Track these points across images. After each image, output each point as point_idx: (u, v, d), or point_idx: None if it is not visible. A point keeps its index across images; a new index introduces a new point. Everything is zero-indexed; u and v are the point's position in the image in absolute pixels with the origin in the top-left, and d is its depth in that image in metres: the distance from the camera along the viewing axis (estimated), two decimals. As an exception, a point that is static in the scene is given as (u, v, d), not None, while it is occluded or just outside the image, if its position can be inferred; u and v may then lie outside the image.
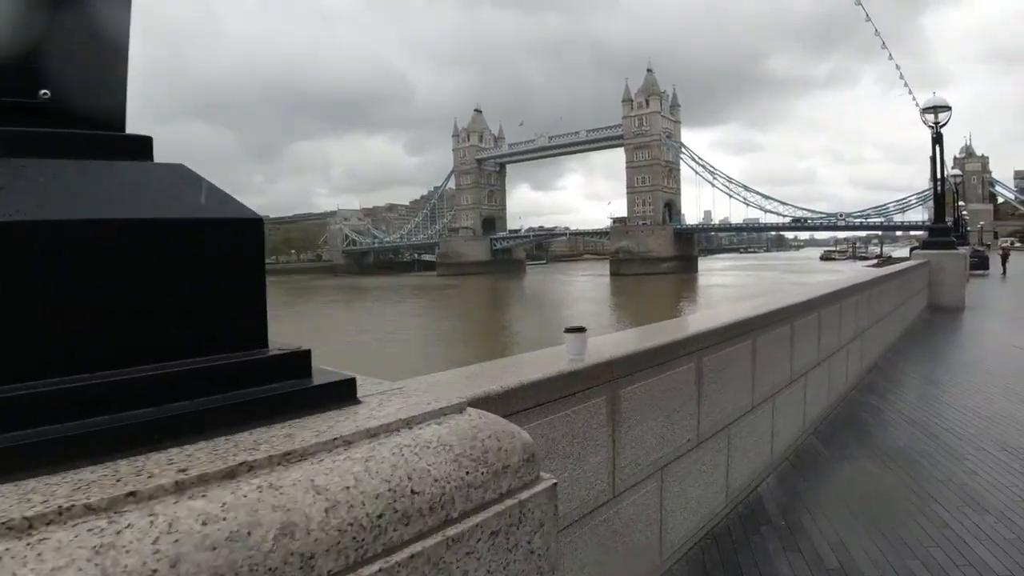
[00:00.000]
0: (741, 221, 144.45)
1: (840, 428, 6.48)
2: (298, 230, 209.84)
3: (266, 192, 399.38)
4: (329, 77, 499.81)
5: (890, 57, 18.64)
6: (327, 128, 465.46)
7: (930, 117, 17.61)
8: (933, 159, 18.24)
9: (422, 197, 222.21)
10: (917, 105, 17.32)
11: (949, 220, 25.35)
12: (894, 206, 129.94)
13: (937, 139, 17.92)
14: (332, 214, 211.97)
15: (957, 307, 16.83)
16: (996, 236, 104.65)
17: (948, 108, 17.61)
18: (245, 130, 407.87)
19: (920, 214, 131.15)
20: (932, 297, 16.90)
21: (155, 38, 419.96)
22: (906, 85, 16.64)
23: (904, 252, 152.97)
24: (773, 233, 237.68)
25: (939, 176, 18.84)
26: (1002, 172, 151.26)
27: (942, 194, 19.53)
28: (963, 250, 21.28)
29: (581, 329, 3.38)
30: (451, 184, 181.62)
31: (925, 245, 19.37)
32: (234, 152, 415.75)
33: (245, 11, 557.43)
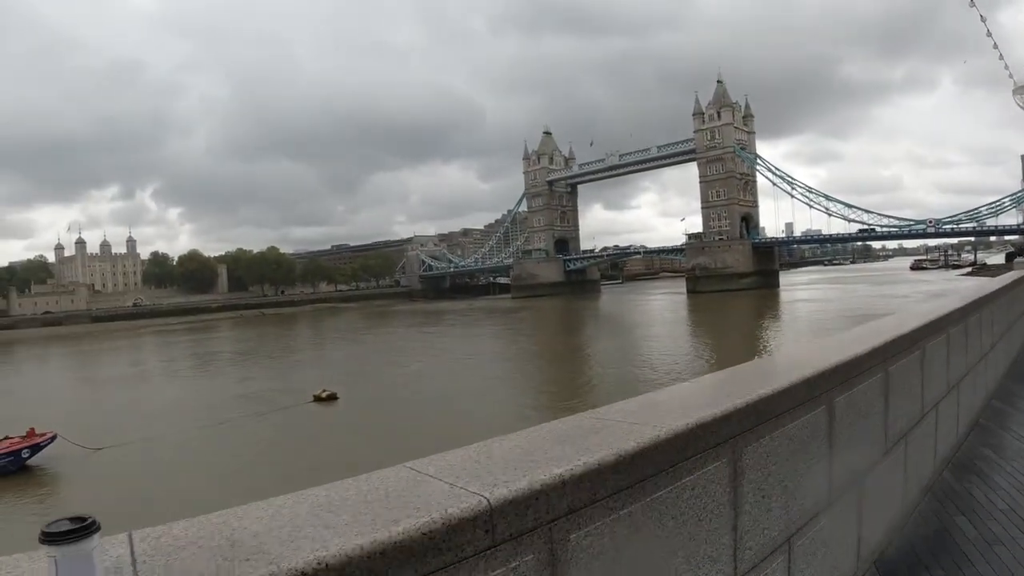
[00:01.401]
0: (824, 232, 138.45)
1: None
2: (376, 257, 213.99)
3: (348, 222, 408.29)
4: (403, 109, 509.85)
5: (995, 46, 13.66)
6: (404, 159, 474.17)
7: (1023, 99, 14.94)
8: None
9: (496, 221, 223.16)
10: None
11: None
12: (986, 210, 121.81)
13: None
14: (409, 241, 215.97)
15: None
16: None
17: None
18: (326, 164, 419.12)
19: (1015, 217, 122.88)
20: None
21: (239, 82, 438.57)
22: (1011, 76, 12.34)
23: (999, 258, 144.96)
24: (859, 243, 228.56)
25: None
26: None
27: None
28: None
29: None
30: (523, 207, 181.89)
31: None
32: (317, 186, 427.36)
33: (321, 51, 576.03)
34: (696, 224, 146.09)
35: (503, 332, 71.56)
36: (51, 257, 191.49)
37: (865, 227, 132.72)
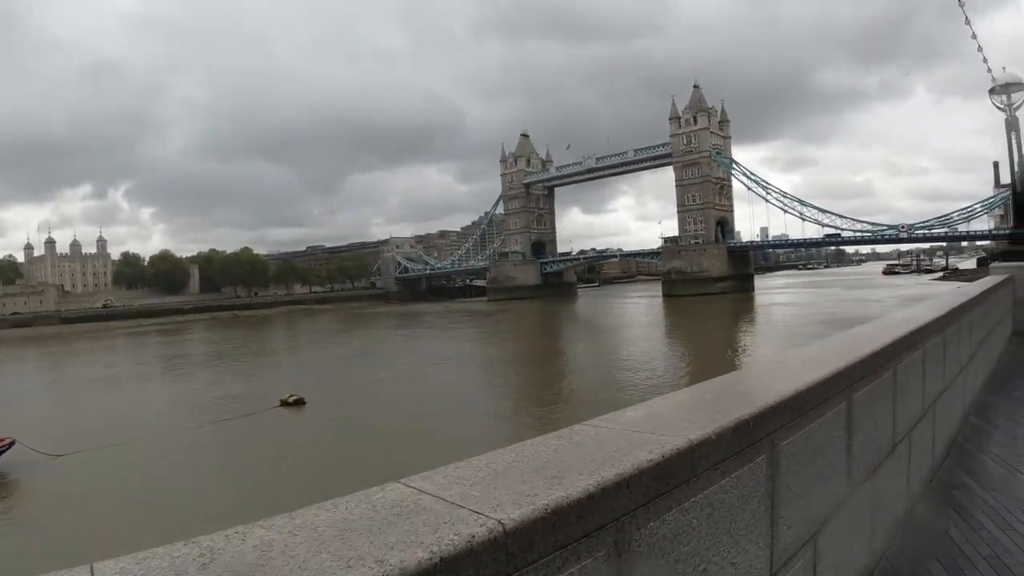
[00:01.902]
0: (798, 237, 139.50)
1: None
2: (352, 259, 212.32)
3: (325, 224, 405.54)
4: (382, 112, 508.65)
5: (979, 49, 13.38)
6: (382, 161, 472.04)
7: (1001, 98, 14.04)
8: (1010, 148, 14.25)
9: (473, 223, 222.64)
10: (1003, 103, 13.32)
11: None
12: (958, 215, 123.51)
13: (1012, 125, 14.21)
14: (385, 242, 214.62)
15: None
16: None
17: (1023, 85, 14.02)
18: (305, 165, 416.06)
19: (986, 223, 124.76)
20: (1018, 320, 13.72)
21: (218, 83, 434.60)
22: (992, 77, 12.03)
23: (971, 263, 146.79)
24: (833, 248, 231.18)
25: (1018, 169, 14.67)
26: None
27: (1023, 194, 15.46)
28: None
29: None
30: (500, 209, 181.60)
31: (1005, 256, 15.85)
32: (295, 187, 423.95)
33: (303, 53, 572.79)
34: (672, 228, 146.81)
35: (479, 335, 70.97)
36: (20, 257, 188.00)
37: (832, 232, 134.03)
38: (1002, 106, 13.44)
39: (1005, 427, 7.04)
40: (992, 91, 13.40)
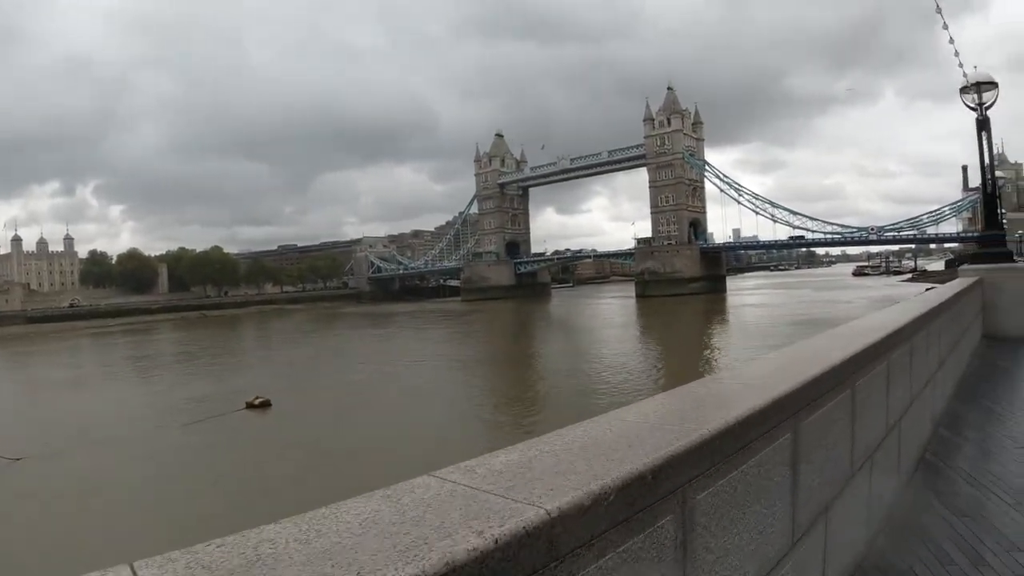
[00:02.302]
0: (770, 239, 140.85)
1: None
2: (324, 258, 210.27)
3: (297, 222, 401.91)
4: (356, 110, 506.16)
5: (960, 65, 12.77)
6: (356, 160, 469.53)
7: (972, 97, 13.50)
8: (980, 149, 13.68)
9: (447, 223, 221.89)
10: (974, 102, 12.92)
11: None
12: (927, 218, 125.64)
13: (983, 124, 13.58)
14: (357, 242, 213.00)
15: (1019, 336, 13.02)
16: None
17: (994, 85, 13.47)
18: (277, 164, 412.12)
19: (954, 226, 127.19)
20: (987, 324, 13.37)
21: (191, 79, 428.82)
22: (963, 74, 11.56)
23: (939, 265, 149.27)
24: (804, 250, 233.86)
25: (988, 170, 14.06)
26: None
27: (994, 193, 14.86)
28: (1021, 263, 16.76)
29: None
30: (475, 209, 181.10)
31: (974, 258, 15.65)
32: (267, 185, 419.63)
33: (277, 50, 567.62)
34: (646, 229, 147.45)
35: (452, 336, 70.47)
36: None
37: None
38: (974, 105, 13.15)
39: (975, 440, 6.57)
40: (964, 90, 13.11)
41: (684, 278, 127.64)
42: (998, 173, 16.24)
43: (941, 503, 4.85)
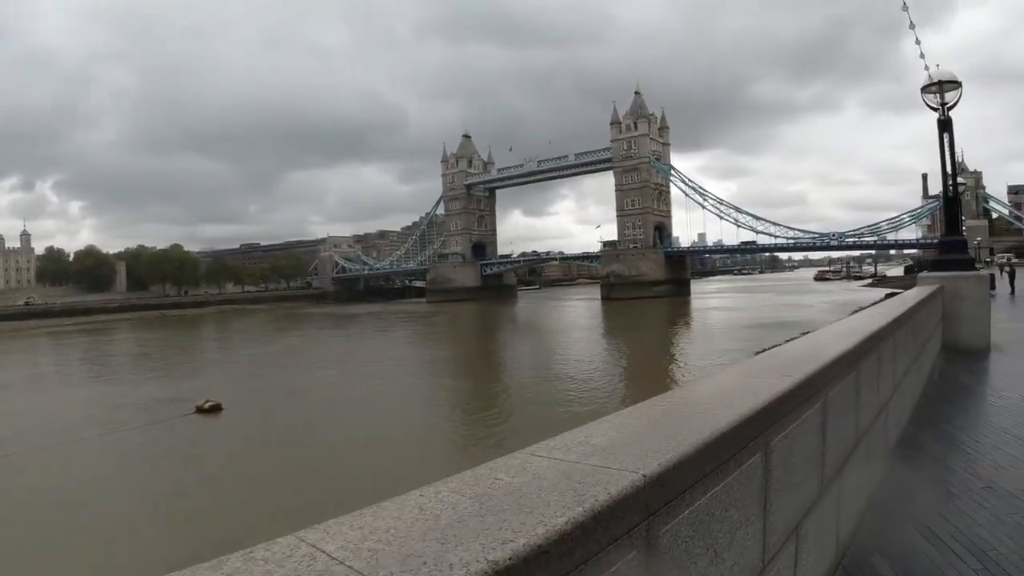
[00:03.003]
0: (735, 243, 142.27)
1: None
2: (287, 257, 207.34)
3: (262, 221, 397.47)
4: (324, 109, 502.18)
5: (926, 68, 12.13)
6: (322, 159, 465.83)
7: (934, 97, 12.72)
8: (942, 150, 12.88)
9: (413, 224, 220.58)
10: (938, 107, 12.23)
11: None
12: (887, 225, 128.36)
13: (945, 125, 12.75)
14: (322, 241, 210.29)
15: (981, 348, 12.38)
16: (992, 252, 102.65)
17: (957, 84, 12.68)
18: (242, 161, 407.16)
19: (913, 232, 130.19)
20: (948, 335, 12.59)
21: (155, 74, 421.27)
22: (928, 76, 10.97)
23: (899, 271, 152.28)
24: (767, 254, 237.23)
25: (950, 174, 13.18)
26: (991, 190, 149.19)
27: (955, 198, 13.97)
28: (984, 271, 15.75)
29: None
30: (441, 210, 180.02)
31: (934, 265, 14.53)
32: (231, 183, 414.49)
33: (244, 47, 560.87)
34: (612, 232, 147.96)
35: (415, 338, 69.65)
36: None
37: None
38: (936, 105, 12.64)
39: (932, 473, 5.63)
40: (926, 89, 12.58)
41: (649, 281, 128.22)
42: (958, 179, 15.55)
43: (890, 567, 3.94)
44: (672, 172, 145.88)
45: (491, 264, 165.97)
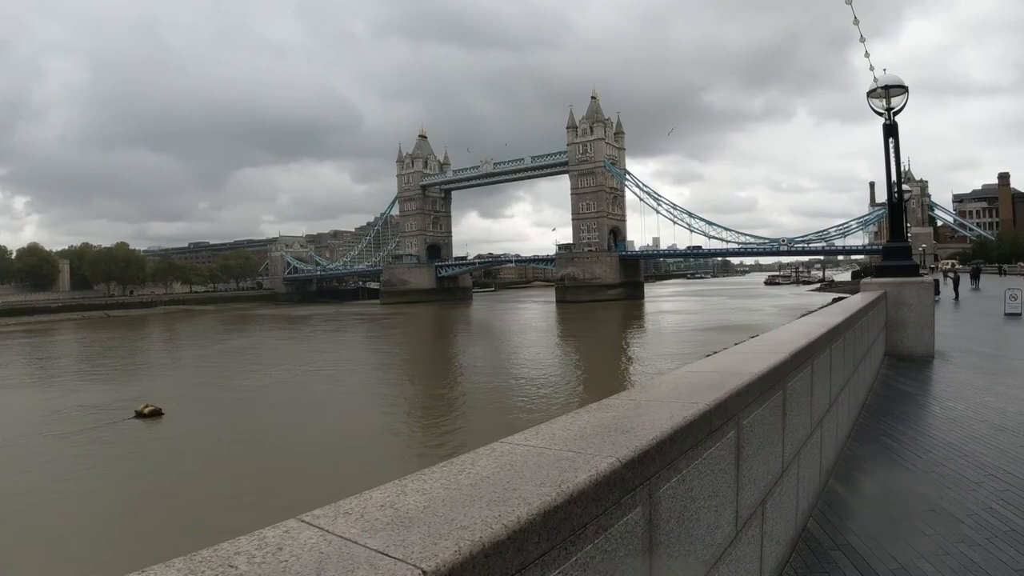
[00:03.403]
0: (687, 248, 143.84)
1: None
2: (237, 257, 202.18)
3: (211, 219, 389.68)
4: (277, 106, 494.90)
5: (866, 55, 11.93)
6: (275, 156, 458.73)
7: (880, 102, 12.51)
8: (887, 155, 12.66)
9: (368, 224, 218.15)
10: (881, 108, 11.99)
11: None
12: (835, 231, 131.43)
13: (890, 131, 12.56)
14: (273, 241, 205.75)
15: (925, 355, 12.22)
16: (937, 259, 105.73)
17: (904, 89, 12.54)
18: (193, 158, 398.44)
19: (860, 238, 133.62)
20: (891, 342, 12.44)
21: (105, 67, 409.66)
22: (874, 76, 10.81)
23: (846, 276, 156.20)
24: (719, 259, 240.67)
25: (895, 180, 12.96)
26: (936, 200, 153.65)
27: (900, 204, 13.79)
28: (928, 277, 15.34)
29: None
30: (396, 210, 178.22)
31: (878, 271, 14.25)
32: (181, 180, 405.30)
33: (195, 41, 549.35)
34: (568, 235, 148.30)
35: (369, 340, 68.70)
36: None
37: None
38: (882, 110, 12.50)
39: (871, 495, 5.16)
40: (872, 94, 12.43)
41: (603, 284, 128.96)
42: (904, 187, 15.45)
43: None
44: (627, 177, 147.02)
45: (446, 266, 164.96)
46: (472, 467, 1.74)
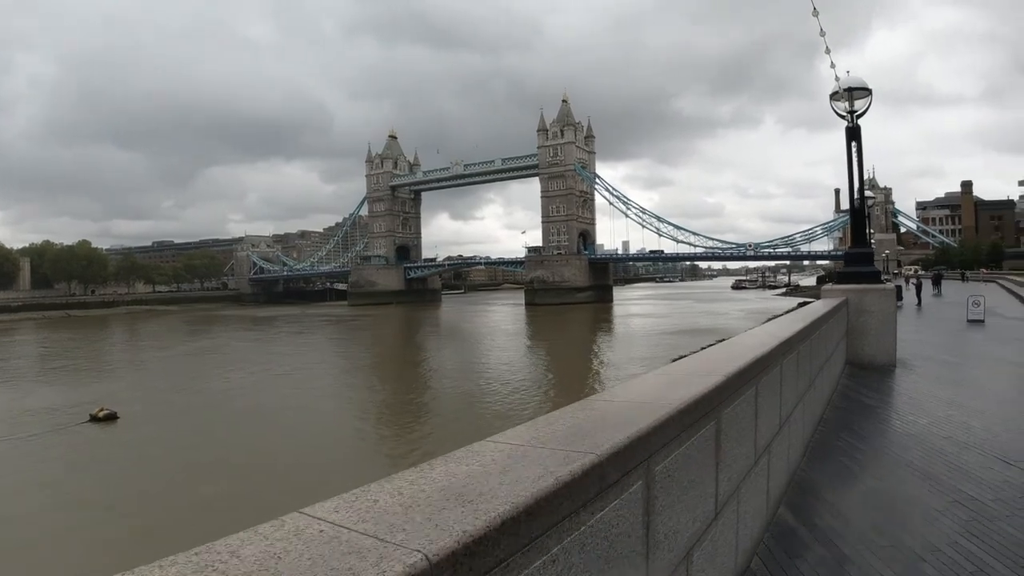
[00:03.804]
0: (656, 252, 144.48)
1: None
2: (202, 256, 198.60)
3: (177, 217, 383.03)
4: (247, 104, 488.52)
5: (832, 65, 11.66)
6: (243, 155, 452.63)
7: (842, 105, 12.05)
8: (849, 159, 12.20)
9: (337, 224, 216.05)
10: (846, 111, 11.51)
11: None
12: (800, 236, 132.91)
13: (853, 134, 12.12)
14: (240, 240, 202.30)
15: (886, 364, 11.77)
16: (900, 265, 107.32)
17: (867, 91, 12.08)
18: (159, 155, 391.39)
19: (825, 244, 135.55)
20: (852, 350, 12.00)
21: (72, 63, 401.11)
22: (836, 77, 10.48)
23: (811, 281, 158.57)
24: (687, 263, 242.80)
25: (856, 185, 12.40)
26: (900, 207, 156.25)
27: (862, 209, 13.10)
28: (889, 284, 14.66)
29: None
30: (365, 211, 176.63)
31: (840, 277, 13.68)
32: (146, 177, 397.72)
33: (164, 37, 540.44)
34: (537, 238, 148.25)
35: (335, 343, 67.77)
36: None
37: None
38: (844, 113, 12.12)
39: (825, 526, 4.58)
40: (835, 96, 12.03)
41: (572, 287, 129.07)
42: (868, 193, 15.08)
43: None
44: (597, 180, 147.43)
45: (415, 267, 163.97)
46: (444, 467, 1.74)
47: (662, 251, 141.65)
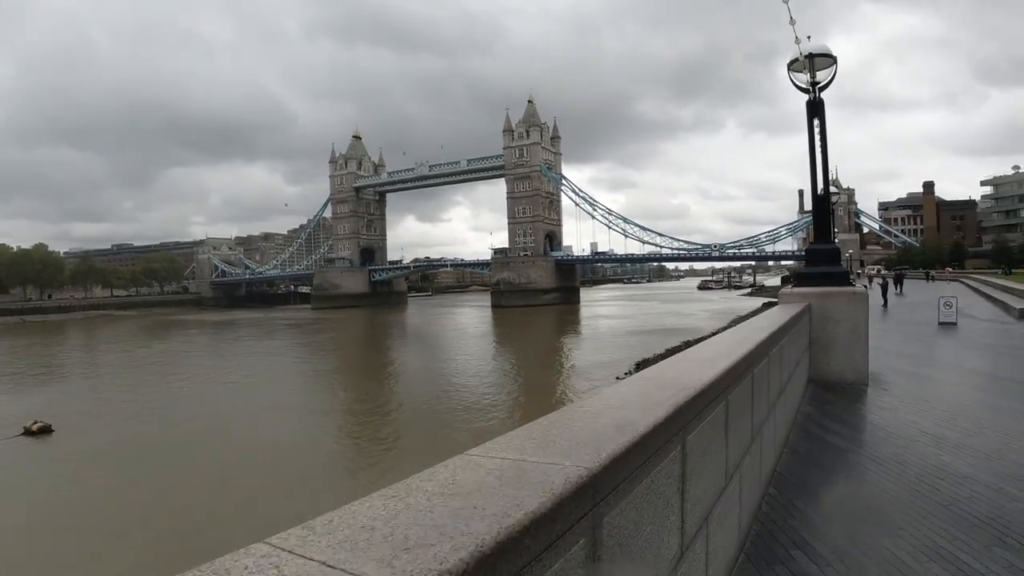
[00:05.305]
0: (623, 253, 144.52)
1: None
2: (162, 259, 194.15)
3: (136, 219, 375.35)
4: (207, 104, 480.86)
5: (796, 40, 10.47)
6: (204, 156, 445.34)
7: (803, 76, 10.48)
8: (811, 137, 10.50)
9: (300, 227, 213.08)
10: (807, 83, 9.96)
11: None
12: (765, 237, 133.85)
13: (815, 108, 10.53)
14: (201, 243, 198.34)
15: (856, 382, 9.98)
16: (863, 265, 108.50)
17: (832, 59, 10.53)
18: (115, 155, 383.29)
19: (790, 244, 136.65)
20: (815, 367, 10.20)
21: (24, 61, 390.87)
22: (796, 40, 9.33)
23: (776, 281, 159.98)
24: (654, 264, 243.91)
25: (820, 171, 10.68)
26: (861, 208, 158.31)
27: (826, 198, 11.33)
28: (860, 286, 11.75)
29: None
30: (328, 213, 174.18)
31: (801, 278, 11.78)
32: (103, 178, 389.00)
33: (121, 36, 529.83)
34: (504, 240, 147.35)
35: (297, 348, 66.04)
36: None
37: (667, 250, 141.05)
38: (805, 85, 10.71)
39: None
40: (793, 66, 10.61)
41: (539, 289, 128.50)
42: (832, 190, 13.75)
43: None
44: (563, 182, 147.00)
45: (380, 270, 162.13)
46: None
47: (612, 252, 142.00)
